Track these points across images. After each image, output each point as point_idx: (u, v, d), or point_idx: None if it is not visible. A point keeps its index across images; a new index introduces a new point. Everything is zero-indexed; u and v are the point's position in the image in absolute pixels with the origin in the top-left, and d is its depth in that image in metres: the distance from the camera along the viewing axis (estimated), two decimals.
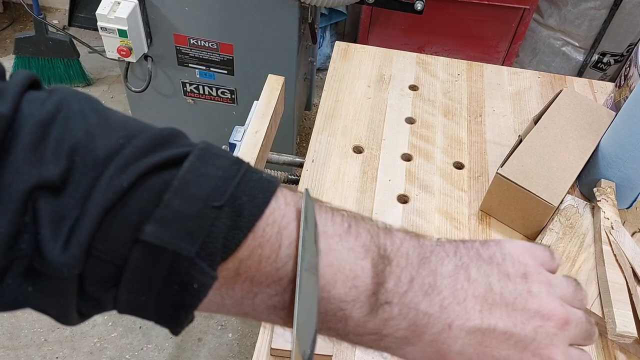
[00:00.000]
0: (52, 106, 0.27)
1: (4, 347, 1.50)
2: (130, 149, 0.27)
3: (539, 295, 0.32)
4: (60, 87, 0.29)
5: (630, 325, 0.57)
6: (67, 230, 0.25)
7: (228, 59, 1.45)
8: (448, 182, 0.76)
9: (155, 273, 0.26)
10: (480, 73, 0.94)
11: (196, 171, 0.27)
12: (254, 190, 0.28)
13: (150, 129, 0.29)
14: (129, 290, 0.26)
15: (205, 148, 0.29)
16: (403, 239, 0.32)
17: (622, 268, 0.62)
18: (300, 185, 0.74)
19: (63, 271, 0.25)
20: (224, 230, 0.27)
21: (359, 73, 0.91)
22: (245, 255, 0.28)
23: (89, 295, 0.27)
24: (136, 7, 1.30)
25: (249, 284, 0.29)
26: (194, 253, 0.26)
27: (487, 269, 0.32)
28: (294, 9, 1.32)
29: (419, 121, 0.84)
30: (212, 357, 1.53)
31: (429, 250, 0.32)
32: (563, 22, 1.94)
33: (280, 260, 0.28)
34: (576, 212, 0.69)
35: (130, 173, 0.26)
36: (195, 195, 0.27)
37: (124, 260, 0.26)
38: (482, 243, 0.34)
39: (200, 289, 0.27)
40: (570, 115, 0.75)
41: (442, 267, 0.31)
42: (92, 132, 0.27)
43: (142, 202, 0.26)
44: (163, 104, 1.62)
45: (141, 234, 0.26)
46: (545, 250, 0.35)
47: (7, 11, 2.43)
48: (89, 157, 0.26)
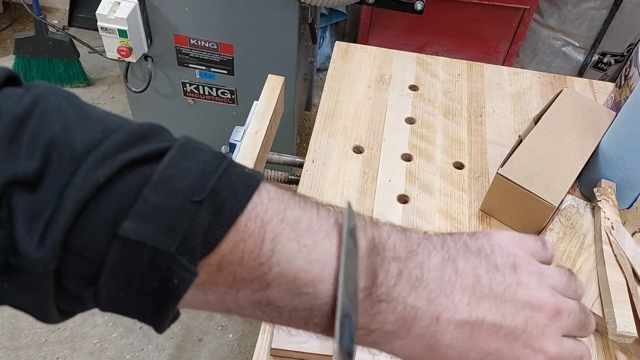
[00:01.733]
0: (29, 101, 0.27)
1: (4, 348, 1.50)
2: (108, 144, 0.27)
3: (529, 286, 0.31)
4: (39, 83, 0.29)
5: (630, 325, 0.57)
6: (42, 226, 0.25)
7: (228, 59, 1.45)
8: (448, 182, 0.76)
9: (135, 269, 0.26)
10: (480, 73, 0.94)
11: (176, 165, 0.27)
12: (236, 185, 0.28)
13: (129, 124, 0.28)
14: (108, 286, 0.26)
15: (186, 143, 0.28)
16: (390, 232, 0.32)
17: (623, 268, 0.62)
18: (300, 185, 0.74)
19: (38, 267, 0.25)
20: (205, 225, 0.26)
21: (359, 73, 0.91)
22: (227, 250, 0.27)
23: (68, 292, 0.27)
24: (136, 7, 1.30)
25: (231, 279, 0.28)
26: (174, 248, 0.26)
27: (475, 260, 0.31)
28: (294, 9, 1.32)
29: (419, 121, 0.84)
30: (213, 357, 1.53)
31: (415, 243, 0.31)
32: (563, 22, 1.94)
33: (264, 255, 0.28)
34: (576, 212, 0.69)
35: (107, 168, 0.26)
36: (175, 189, 0.26)
37: (103, 256, 0.25)
38: (470, 235, 0.33)
39: (181, 285, 0.26)
40: (570, 115, 0.75)
41: (430, 259, 0.31)
42: (69, 127, 0.27)
43: (120, 197, 0.26)
44: (163, 104, 1.62)
45: (119, 229, 0.25)
46: (537, 240, 0.35)
47: (7, 11, 2.43)
48: (66, 151, 0.26)
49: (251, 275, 0.28)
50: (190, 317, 1.59)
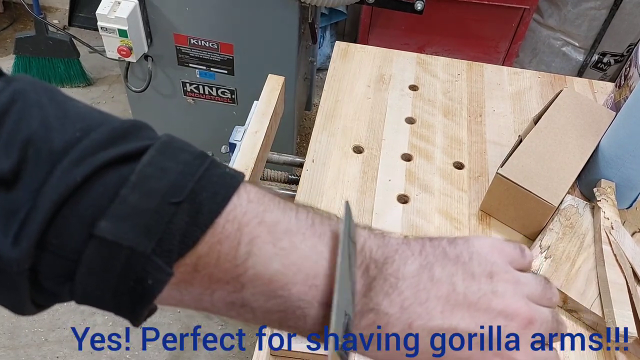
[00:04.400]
0: (7, 97, 0.27)
1: (4, 347, 1.50)
2: (87, 142, 0.26)
3: (504, 295, 0.32)
4: (20, 77, 0.29)
5: (630, 325, 0.57)
6: (17, 225, 0.25)
7: (228, 58, 1.45)
8: (448, 182, 0.76)
9: (111, 269, 0.26)
10: (480, 73, 0.94)
11: (156, 165, 0.27)
12: (216, 186, 0.28)
13: (110, 122, 0.28)
14: (84, 284, 0.26)
15: (167, 142, 0.28)
16: (367, 237, 0.32)
17: (622, 268, 0.62)
18: (300, 185, 0.74)
19: (12, 266, 0.25)
20: (182, 227, 0.26)
21: (359, 73, 0.91)
22: (203, 252, 0.27)
23: (44, 288, 0.27)
24: (136, 7, 1.30)
25: (207, 280, 0.28)
26: (150, 249, 0.26)
27: (452, 268, 0.32)
28: (294, 9, 1.32)
29: (419, 121, 0.84)
30: (213, 357, 1.53)
31: (393, 249, 0.32)
32: (563, 22, 1.94)
33: (239, 257, 0.28)
34: (576, 212, 0.69)
35: (85, 167, 0.25)
36: (153, 190, 0.26)
37: (79, 255, 0.25)
38: (449, 241, 0.33)
39: (155, 285, 0.26)
40: (570, 115, 0.75)
41: (406, 266, 0.31)
42: (48, 124, 0.26)
43: (97, 197, 0.26)
44: (163, 103, 1.62)
45: (96, 229, 0.25)
46: (516, 247, 0.35)
47: (7, 11, 2.42)
48: (44, 149, 0.26)
49: (227, 276, 0.28)
50: (190, 316, 1.59)
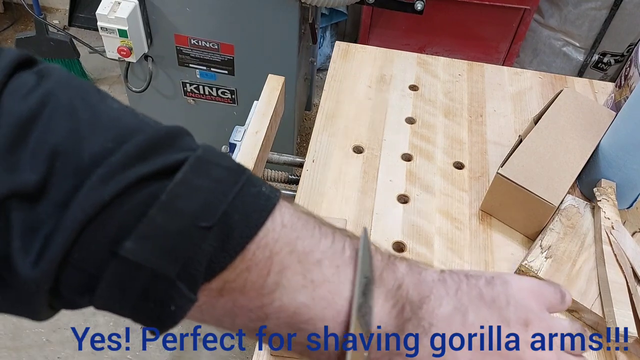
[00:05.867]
0: (37, 100, 0.25)
1: (6, 348, 1.50)
2: (118, 156, 0.25)
3: (537, 347, 0.31)
4: (52, 72, 0.27)
5: (630, 325, 0.57)
6: (39, 244, 0.23)
7: (229, 59, 1.45)
8: (449, 182, 0.76)
9: (132, 289, 0.25)
10: (480, 73, 0.94)
11: (188, 183, 0.25)
12: (249, 208, 0.26)
13: (145, 130, 0.26)
14: (104, 298, 0.25)
15: (202, 155, 0.26)
16: (405, 273, 0.31)
17: (623, 268, 0.62)
18: (300, 185, 0.74)
19: (32, 287, 0.24)
20: (210, 252, 0.25)
21: (360, 73, 0.91)
22: (231, 278, 0.26)
23: (63, 296, 0.26)
24: (136, 7, 1.30)
25: (230, 305, 0.27)
26: (175, 274, 0.24)
27: (487, 313, 0.31)
28: (294, 9, 1.32)
29: (419, 121, 0.84)
30: (214, 356, 1.53)
31: (428, 288, 0.30)
32: (564, 23, 1.94)
33: (267, 287, 0.27)
34: (577, 212, 0.69)
35: (114, 185, 0.24)
36: (182, 211, 0.25)
37: (101, 271, 0.24)
38: (487, 281, 0.32)
39: (178, 312, 0.25)
40: (570, 115, 0.75)
41: (440, 308, 0.30)
42: (78, 132, 0.25)
43: (125, 216, 0.24)
44: (163, 104, 1.62)
45: (120, 248, 0.24)
46: (557, 292, 0.34)
47: (7, 12, 2.43)
48: (71, 162, 0.24)
49: (251, 304, 0.27)
50: None
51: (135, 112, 0.28)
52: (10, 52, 0.26)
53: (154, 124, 0.27)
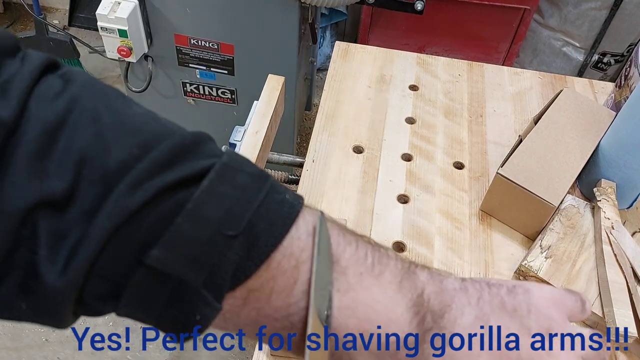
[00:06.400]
0: (63, 105, 0.25)
1: (6, 348, 1.50)
2: (145, 164, 0.24)
3: (557, 355, 0.31)
4: (77, 76, 0.27)
5: (630, 325, 0.57)
6: (66, 252, 0.23)
7: (228, 59, 1.45)
8: (449, 182, 0.76)
9: (157, 297, 0.25)
10: (480, 73, 0.94)
11: (213, 191, 0.25)
12: (273, 216, 0.26)
13: (170, 136, 0.26)
14: (128, 306, 0.25)
15: (227, 162, 0.26)
16: (426, 281, 0.30)
17: (623, 268, 0.62)
18: (300, 185, 0.74)
19: (58, 296, 0.23)
20: (236, 260, 0.25)
21: (360, 73, 0.91)
22: (255, 286, 0.26)
23: (87, 305, 0.25)
24: (136, 7, 1.30)
25: (255, 314, 0.27)
26: (200, 283, 0.24)
27: (509, 322, 0.31)
28: (294, 9, 1.32)
29: (419, 121, 0.84)
30: (214, 356, 1.53)
31: (450, 296, 0.30)
32: (564, 23, 1.94)
33: (294, 296, 0.27)
34: (577, 212, 0.69)
35: (142, 193, 0.24)
36: (208, 219, 0.25)
37: (126, 279, 0.24)
38: (509, 289, 0.32)
39: (203, 321, 0.25)
40: (570, 115, 0.75)
41: (462, 318, 0.30)
42: (104, 138, 0.25)
43: (152, 224, 0.24)
44: (163, 104, 1.62)
45: (146, 257, 0.24)
46: (577, 300, 0.34)
47: (7, 11, 2.43)
48: (98, 169, 0.24)
49: (277, 314, 0.27)
50: None
51: (158, 116, 0.27)
52: (37, 55, 0.26)
53: (178, 129, 0.27)
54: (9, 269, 0.23)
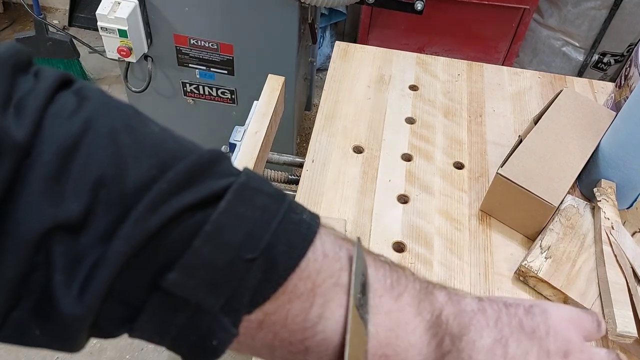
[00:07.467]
0: (79, 125, 0.24)
1: (4, 348, 1.50)
2: (162, 185, 0.24)
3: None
4: (91, 93, 0.26)
5: (630, 325, 0.57)
6: (82, 277, 0.23)
7: (228, 59, 1.45)
8: (448, 182, 0.76)
9: (173, 322, 0.24)
10: (480, 73, 0.94)
11: (232, 213, 0.25)
12: (291, 237, 0.26)
13: (187, 155, 0.26)
14: (143, 330, 0.25)
15: (245, 182, 0.26)
16: (444, 303, 0.30)
17: (623, 268, 0.62)
18: (300, 185, 0.74)
19: (74, 323, 0.23)
20: (254, 284, 0.25)
21: (359, 73, 0.91)
22: (271, 310, 0.26)
23: (101, 329, 0.25)
24: (136, 7, 1.30)
25: (270, 338, 0.27)
26: (218, 308, 0.24)
27: (528, 344, 0.30)
28: (294, 9, 1.32)
29: (419, 121, 0.84)
30: None
31: (468, 317, 0.30)
32: (563, 22, 1.94)
33: (310, 320, 0.26)
34: (577, 212, 0.69)
35: (159, 216, 0.23)
36: (227, 243, 0.24)
37: (143, 303, 0.24)
38: (526, 310, 0.32)
39: (219, 346, 0.25)
40: (570, 115, 0.75)
41: (481, 340, 0.29)
42: (121, 159, 0.24)
43: (170, 247, 0.24)
44: (163, 104, 1.62)
45: (163, 281, 0.23)
46: (593, 320, 0.34)
47: (7, 11, 2.43)
48: (115, 191, 0.23)
49: (292, 337, 0.27)
50: None
51: (174, 134, 0.27)
52: (51, 72, 0.26)
53: (194, 147, 0.27)
54: (23, 293, 0.23)
